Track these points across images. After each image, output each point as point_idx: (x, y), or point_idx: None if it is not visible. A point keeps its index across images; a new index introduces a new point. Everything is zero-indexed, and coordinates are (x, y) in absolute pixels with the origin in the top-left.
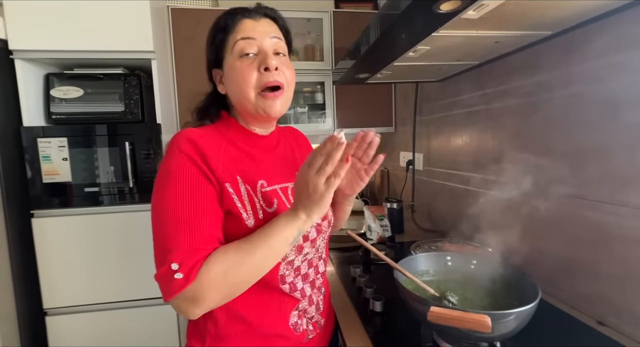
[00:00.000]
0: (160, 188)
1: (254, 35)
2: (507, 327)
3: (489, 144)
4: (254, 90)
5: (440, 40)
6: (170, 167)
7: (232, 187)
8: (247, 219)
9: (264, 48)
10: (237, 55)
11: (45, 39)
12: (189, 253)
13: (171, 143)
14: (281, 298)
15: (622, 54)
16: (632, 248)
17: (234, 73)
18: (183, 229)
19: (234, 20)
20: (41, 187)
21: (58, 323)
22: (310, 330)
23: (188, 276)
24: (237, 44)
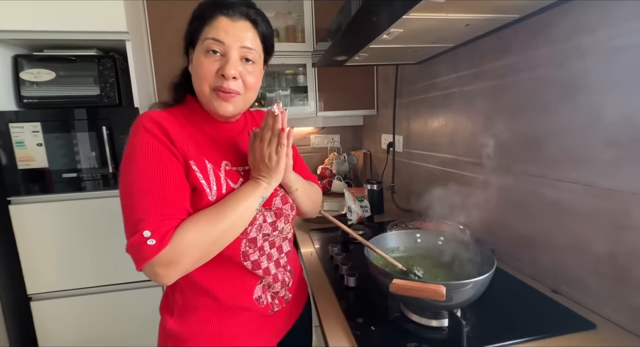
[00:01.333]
0: (127, 164)
1: (224, 38)
2: (465, 296)
3: (463, 125)
4: (209, 88)
5: (412, 22)
6: (136, 144)
7: (197, 164)
8: (209, 194)
9: (229, 53)
10: (204, 50)
11: (12, 18)
12: (161, 221)
13: (135, 123)
14: (244, 273)
15: (580, 38)
16: (583, 222)
17: (197, 65)
18: (153, 200)
19: (211, 14)
20: (17, 173)
21: (43, 308)
22: (276, 303)
23: (161, 242)
24: (206, 41)
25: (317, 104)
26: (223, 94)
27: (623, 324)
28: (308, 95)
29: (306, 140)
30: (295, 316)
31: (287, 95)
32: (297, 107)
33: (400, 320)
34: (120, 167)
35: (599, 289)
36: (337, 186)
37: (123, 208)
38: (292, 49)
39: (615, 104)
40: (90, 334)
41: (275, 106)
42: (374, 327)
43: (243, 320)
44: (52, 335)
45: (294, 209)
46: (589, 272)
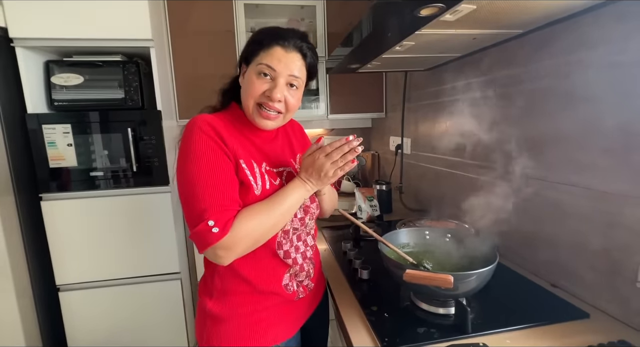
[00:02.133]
0: (185, 161)
1: (276, 67)
2: (470, 286)
3: (469, 130)
4: (253, 103)
5: (423, 37)
6: (193, 144)
7: (246, 163)
8: (256, 189)
9: (278, 80)
10: (257, 72)
11: (45, 26)
12: (222, 212)
13: (191, 125)
14: (276, 262)
15: (582, 53)
16: (582, 222)
17: (248, 82)
18: (214, 193)
19: (269, 42)
20: (48, 172)
21: (70, 298)
22: (301, 291)
23: (223, 229)
24: (260, 66)
25: (327, 107)
26: (266, 114)
27: (614, 314)
28: (319, 98)
29: None
30: (315, 304)
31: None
32: (308, 109)
33: (410, 308)
34: (177, 163)
35: (594, 282)
36: (347, 186)
37: (184, 200)
38: None
39: (612, 115)
40: (114, 322)
41: (352, 137)
42: (387, 314)
43: (272, 304)
44: (79, 323)
45: (319, 208)
46: (586, 267)
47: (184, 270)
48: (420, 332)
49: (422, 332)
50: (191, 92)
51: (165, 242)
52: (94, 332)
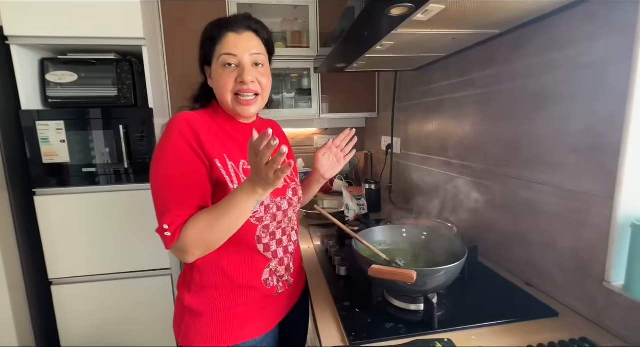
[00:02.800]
0: (157, 160)
1: (235, 51)
2: (438, 281)
3: (452, 130)
4: (230, 95)
5: (401, 36)
6: (167, 144)
7: (221, 162)
8: (232, 187)
9: (243, 63)
10: (221, 65)
11: (40, 25)
12: (176, 217)
13: (171, 123)
14: (256, 257)
15: (552, 53)
16: (551, 221)
17: (217, 78)
18: (173, 196)
19: (219, 33)
20: (41, 167)
21: (62, 292)
22: (280, 286)
23: (174, 235)
24: (221, 57)
25: (320, 106)
26: (245, 101)
27: (583, 312)
28: (312, 97)
29: (310, 140)
30: (295, 299)
31: (292, 98)
32: (301, 109)
33: (382, 304)
34: (152, 160)
35: (564, 280)
36: (338, 185)
37: (153, 197)
38: (298, 53)
39: (579, 115)
40: (106, 316)
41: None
42: (359, 310)
43: (250, 299)
44: (71, 316)
45: (300, 200)
46: (556, 265)
47: (175, 265)
48: (388, 327)
49: (389, 328)
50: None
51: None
52: (86, 325)
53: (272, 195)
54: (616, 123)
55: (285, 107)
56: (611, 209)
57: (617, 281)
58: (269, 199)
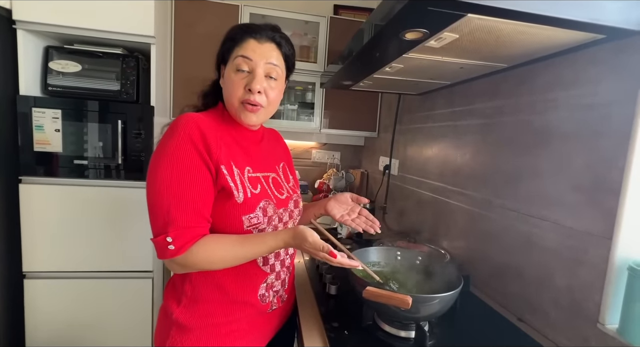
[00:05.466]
0: (159, 162)
1: (252, 56)
2: (432, 310)
3: (452, 157)
4: (237, 101)
5: (411, 61)
6: (173, 147)
7: (227, 168)
8: (237, 196)
9: (256, 70)
10: (234, 68)
11: (49, 12)
12: (183, 230)
13: (177, 124)
14: (254, 270)
15: (557, 92)
16: (548, 256)
17: (228, 81)
18: (180, 207)
19: (242, 36)
20: (32, 155)
21: (35, 286)
22: (275, 303)
23: (179, 250)
24: (236, 59)
25: (321, 121)
26: (250, 107)
27: None
28: (314, 111)
29: (307, 154)
30: (286, 317)
31: (295, 110)
32: (302, 121)
33: (372, 328)
34: (151, 160)
35: (557, 319)
36: None
37: (150, 203)
38: (304, 67)
39: (581, 153)
40: (77, 315)
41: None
42: (347, 332)
43: (244, 315)
44: (40, 314)
45: (300, 213)
46: (550, 303)
47: (157, 269)
48: None
49: None
50: (188, 91)
51: (141, 239)
52: (56, 323)
53: (275, 207)
54: (618, 163)
55: (286, 118)
56: (609, 250)
57: (612, 324)
58: (272, 211)
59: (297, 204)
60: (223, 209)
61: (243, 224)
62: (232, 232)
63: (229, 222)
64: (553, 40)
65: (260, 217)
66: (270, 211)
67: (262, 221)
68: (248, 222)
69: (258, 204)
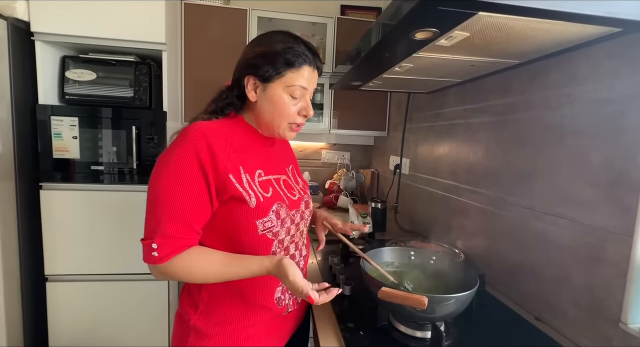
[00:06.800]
0: (161, 169)
1: (308, 86)
2: (448, 310)
3: (465, 155)
4: (286, 124)
5: (421, 60)
6: (176, 156)
7: (235, 177)
8: (249, 201)
9: (306, 98)
10: (288, 93)
11: (65, 23)
12: (168, 239)
13: (185, 134)
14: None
15: (572, 87)
16: (566, 254)
17: (278, 102)
18: (171, 216)
19: (299, 63)
20: (51, 161)
21: (57, 289)
22: (290, 305)
23: (161, 258)
24: (294, 87)
25: (331, 121)
26: (295, 127)
27: None
28: (323, 112)
29: (317, 155)
30: (300, 319)
31: None
32: (311, 123)
33: (387, 328)
34: (155, 166)
35: (577, 318)
36: (343, 201)
37: (147, 206)
38: None
39: (598, 149)
40: (98, 317)
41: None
42: (363, 332)
43: (261, 319)
44: (63, 314)
45: (311, 213)
46: (569, 302)
47: None
48: None
49: None
50: (198, 96)
51: None
52: (77, 324)
53: (287, 208)
54: (637, 159)
55: None
56: (629, 247)
57: (635, 323)
58: (285, 213)
59: (308, 205)
60: (237, 215)
61: (257, 229)
62: (247, 238)
63: (243, 228)
64: (566, 36)
65: (274, 221)
66: (283, 213)
67: (275, 224)
68: (262, 226)
69: (271, 208)
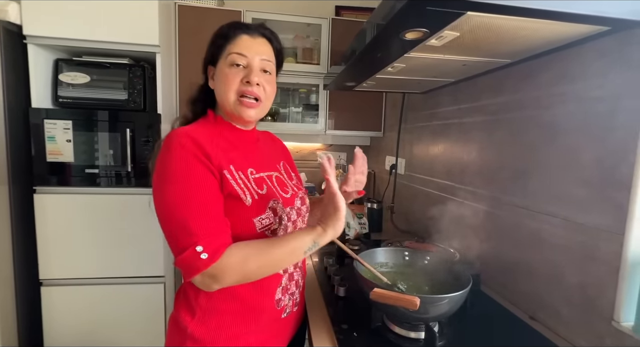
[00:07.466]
0: (163, 181)
1: (246, 52)
2: (441, 310)
3: (459, 154)
4: (234, 95)
5: (413, 60)
6: (173, 163)
7: (229, 173)
8: (245, 199)
9: (251, 65)
10: (228, 64)
11: (58, 26)
12: (212, 236)
13: (170, 141)
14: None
15: (563, 86)
16: (559, 253)
17: (222, 77)
18: (199, 216)
19: (234, 33)
20: (45, 165)
21: (52, 293)
22: (289, 306)
23: (213, 256)
24: (231, 55)
25: (326, 122)
26: (247, 102)
27: None
28: (319, 113)
29: (313, 155)
30: (299, 322)
31: (299, 112)
32: (307, 123)
33: (381, 329)
34: (154, 185)
35: (570, 317)
36: None
37: (167, 225)
38: (307, 69)
39: (590, 148)
40: (93, 321)
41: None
42: (357, 333)
43: (261, 325)
44: (58, 319)
45: (308, 210)
46: (562, 301)
47: (169, 274)
48: None
49: None
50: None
51: (152, 245)
52: (72, 328)
53: (282, 206)
54: (628, 157)
55: (291, 121)
56: (621, 245)
57: (627, 322)
58: (281, 210)
59: (304, 201)
60: (233, 213)
61: (255, 227)
62: (245, 237)
63: (240, 226)
64: (556, 35)
65: (272, 218)
66: (279, 210)
67: (273, 221)
68: (260, 224)
69: (267, 205)
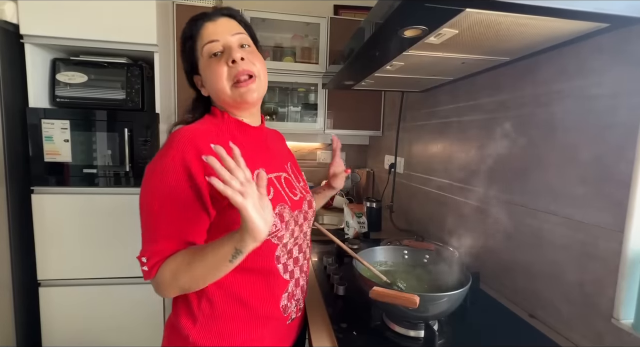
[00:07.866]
0: (149, 179)
1: (216, 36)
2: (441, 308)
3: (457, 153)
4: (227, 83)
5: (412, 58)
6: (162, 166)
7: None
8: None
9: (227, 44)
10: (207, 57)
11: (55, 25)
12: (155, 252)
13: (171, 141)
14: (274, 281)
15: (562, 84)
16: (559, 251)
17: (208, 72)
18: (156, 228)
19: (197, 27)
20: (42, 165)
21: (50, 294)
22: (294, 311)
23: (150, 272)
24: (205, 48)
25: (325, 122)
26: (242, 84)
27: None
28: (318, 112)
29: (313, 155)
30: (301, 326)
31: (298, 112)
32: (306, 123)
33: (381, 328)
34: (145, 177)
35: (570, 315)
36: (339, 201)
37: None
38: (306, 69)
39: (588, 145)
40: (91, 322)
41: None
42: (356, 332)
43: (267, 332)
44: (55, 321)
45: (314, 214)
46: (562, 298)
47: None
48: None
49: None
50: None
51: None
52: (71, 329)
53: (290, 210)
54: (627, 155)
55: (290, 120)
56: (620, 243)
57: (626, 319)
58: (288, 215)
59: (311, 205)
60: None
61: None
62: None
63: None
64: (554, 32)
65: (278, 224)
66: (286, 215)
67: (280, 227)
68: None
69: (274, 210)
